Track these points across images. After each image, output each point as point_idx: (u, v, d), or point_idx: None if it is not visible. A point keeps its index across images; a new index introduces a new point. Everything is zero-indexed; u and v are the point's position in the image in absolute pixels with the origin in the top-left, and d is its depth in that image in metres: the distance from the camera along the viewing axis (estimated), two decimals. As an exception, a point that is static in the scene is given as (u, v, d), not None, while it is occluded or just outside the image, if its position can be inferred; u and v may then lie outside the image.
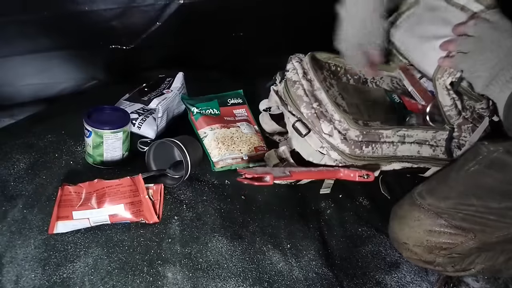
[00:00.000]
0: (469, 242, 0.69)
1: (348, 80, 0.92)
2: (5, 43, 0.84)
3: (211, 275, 0.65)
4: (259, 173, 0.70)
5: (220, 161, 0.82)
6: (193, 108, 0.86)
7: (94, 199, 0.67)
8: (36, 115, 0.92)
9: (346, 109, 0.83)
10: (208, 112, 0.87)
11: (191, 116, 0.87)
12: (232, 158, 0.83)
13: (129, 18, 0.89)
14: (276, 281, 0.67)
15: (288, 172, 0.75)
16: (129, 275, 0.62)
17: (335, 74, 0.91)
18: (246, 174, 0.70)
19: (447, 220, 0.68)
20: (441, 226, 0.69)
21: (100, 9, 0.85)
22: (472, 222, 0.67)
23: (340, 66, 0.92)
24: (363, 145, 0.76)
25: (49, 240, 0.65)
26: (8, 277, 0.60)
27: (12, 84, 0.93)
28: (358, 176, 0.79)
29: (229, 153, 0.83)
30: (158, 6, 0.90)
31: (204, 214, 0.74)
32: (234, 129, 0.86)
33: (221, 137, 0.84)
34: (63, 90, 0.99)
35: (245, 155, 0.84)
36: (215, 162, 0.82)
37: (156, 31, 0.94)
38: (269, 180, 0.70)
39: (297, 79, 0.87)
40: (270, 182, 0.70)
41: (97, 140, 0.74)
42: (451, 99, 0.77)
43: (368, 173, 0.79)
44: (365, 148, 0.76)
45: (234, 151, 0.84)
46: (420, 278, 0.76)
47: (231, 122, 0.88)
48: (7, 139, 0.81)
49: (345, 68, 0.92)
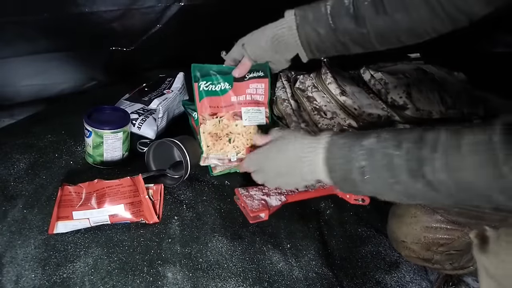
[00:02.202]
0: (466, 236, 0.70)
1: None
2: (5, 45, 0.84)
3: (211, 275, 0.65)
4: (255, 210, 0.72)
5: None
6: (194, 113, 0.79)
7: (94, 199, 0.67)
8: (36, 115, 0.93)
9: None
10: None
11: (192, 122, 0.84)
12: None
13: (130, 20, 0.90)
14: (276, 281, 0.67)
15: (284, 198, 0.77)
16: (129, 275, 0.62)
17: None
18: (242, 203, 0.74)
19: (443, 215, 0.69)
20: (437, 221, 0.70)
21: (100, 10, 0.85)
22: (468, 216, 0.68)
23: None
24: None
25: (49, 240, 0.64)
26: (8, 277, 0.60)
27: (13, 84, 0.93)
28: (354, 199, 0.81)
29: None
30: (159, 9, 0.90)
31: (204, 214, 0.74)
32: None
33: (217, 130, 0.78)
34: (63, 91, 0.99)
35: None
36: (213, 167, 0.80)
37: (156, 33, 0.94)
38: (264, 216, 0.73)
39: (286, 98, 0.90)
40: (265, 218, 0.73)
41: (97, 140, 0.74)
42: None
43: (364, 198, 0.80)
44: None
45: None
46: (420, 277, 0.76)
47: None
48: (7, 139, 0.81)
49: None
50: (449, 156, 0.46)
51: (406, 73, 0.90)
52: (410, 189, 0.50)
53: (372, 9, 0.65)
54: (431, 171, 0.47)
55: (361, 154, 0.53)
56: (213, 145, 0.77)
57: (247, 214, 0.73)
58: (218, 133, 0.78)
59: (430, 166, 0.47)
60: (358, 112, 0.83)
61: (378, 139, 0.53)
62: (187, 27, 0.98)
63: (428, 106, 0.83)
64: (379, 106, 0.84)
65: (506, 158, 0.42)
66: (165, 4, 0.89)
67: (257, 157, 0.67)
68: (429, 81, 0.88)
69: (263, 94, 0.80)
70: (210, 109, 0.77)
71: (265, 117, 0.81)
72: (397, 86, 0.85)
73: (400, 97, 0.84)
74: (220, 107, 0.77)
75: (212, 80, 0.76)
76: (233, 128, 0.78)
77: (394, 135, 0.52)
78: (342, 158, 0.55)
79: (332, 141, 0.57)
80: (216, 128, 0.77)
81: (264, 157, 0.66)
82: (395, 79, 0.87)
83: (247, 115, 0.79)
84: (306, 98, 0.90)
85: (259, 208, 0.72)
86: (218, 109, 0.78)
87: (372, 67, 0.95)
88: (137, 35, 0.95)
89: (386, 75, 0.88)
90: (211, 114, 0.77)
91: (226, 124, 0.78)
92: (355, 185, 0.55)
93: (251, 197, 0.75)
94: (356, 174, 0.54)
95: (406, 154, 0.49)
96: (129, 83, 0.98)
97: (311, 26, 0.68)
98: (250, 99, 0.80)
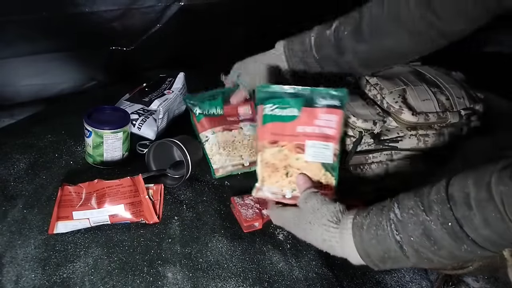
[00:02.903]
0: None
1: None
2: (5, 45, 0.84)
3: (211, 275, 0.65)
4: (249, 219, 0.72)
5: (220, 168, 0.81)
6: (196, 108, 0.81)
7: (94, 199, 0.66)
8: (36, 115, 0.92)
9: None
10: (211, 112, 0.82)
11: (194, 118, 0.83)
12: (233, 165, 0.81)
13: (130, 19, 0.90)
14: (276, 281, 0.67)
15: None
16: (129, 275, 0.62)
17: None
18: (236, 212, 0.74)
19: None
20: None
21: (100, 10, 0.85)
22: None
23: None
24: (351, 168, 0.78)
25: (49, 240, 0.64)
26: (8, 277, 0.60)
27: (12, 84, 0.93)
28: None
29: (230, 159, 0.81)
30: (159, 8, 0.90)
31: (204, 214, 0.74)
32: (236, 132, 0.83)
33: (222, 141, 0.81)
34: (63, 91, 0.99)
35: (246, 161, 0.82)
36: (215, 169, 0.81)
37: (156, 32, 0.94)
38: (258, 225, 0.73)
39: None
40: (259, 227, 0.73)
41: (97, 140, 0.74)
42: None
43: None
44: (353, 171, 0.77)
45: (235, 157, 0.82)
46: (420, 277, 0.76)
47: (234, 123, 0.83)
48: (7, 139, 0.81)
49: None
50: (485, 211, 0.44)
51: (401, 76, 0.89)
52: (456, 252, 0.47)
53: (352, 38, 0.66)
54: (473, 229, 0.45)
55: (393, 229, 0.49)
56: (268, 177, 0.67)
57: (241, 223, 0.73)
58: (276, 164, 0.67)
59: (470, 225, 0.45)
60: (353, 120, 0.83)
61: (402, 207, 0.50)
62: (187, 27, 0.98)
63: (424, 109, 0.83)
64: (375, 112, 0.84)
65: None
66: (165, 3, 0.89)
67: (285, 221, 0.62)
68: (425, 84, 0.88)
69: (334, 127, 0.65)
70: (272, 136, 0.66)
71: (332, 154, 0.67)
72: (393, 90, 0.85)
73: (396, 102, 0.84)
74: (284, 135, 0.67)
75: (280, 103, 0.65)
76: (293, 162, 0.66)
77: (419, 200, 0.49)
78: (374, 239, 0.51)
79: (357, 224, 0.53)
80: (275, 158, 0.66)
81: (292, 224, 0.61)
82: (390, 84, 0.87)
83: (312, 150, 0.66)
84: None
85: (253, 218, 0.72)
86: (280, 137, 0.67)
87: None
88: (137, 34, 0.95)
89: (381, 80, 0.88)
90: (272, 142, 0.66)
91: (287, 155, 0.67)
92: (395, 261, 0.51)
93: (246, 205, 0.74)
94: (394, 251, 0.50)
95: (440, 217, 0.46)
96: (129, 83, 0.97)
97: (298, 57, 0.71)
98: (318, 132, 0.67)
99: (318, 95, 0.65)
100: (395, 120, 0.83)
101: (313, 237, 0.57)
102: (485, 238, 0.45)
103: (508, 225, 0.43)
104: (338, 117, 0.65)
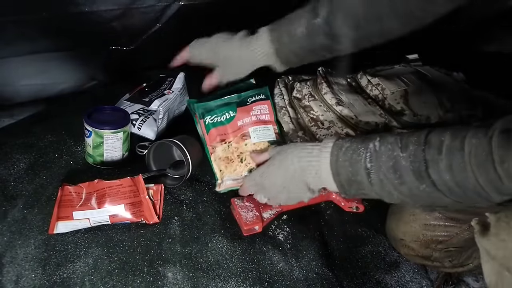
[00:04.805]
0: (464, 233, 0.70)
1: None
2: (5, 44, 0.84)
3: (211, 275, 0.65)
4: (249, 222, 0.72)
5: (221, 183, 0.78)
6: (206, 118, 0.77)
7: (94, 199, 0.67)
8: (36, 115, 0.92)
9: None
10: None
11: (201, 121, 0.78)
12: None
13: (129, 19, 0.89)
14: (276, 281, 0.67)
15: (279, 208, 0.76)
16: (129, 275, 0.62)
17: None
18: (237, 215, 0.73)
19: (441, 212, 0.70)
20: (436, 219, 0.70)
21: (100, 10, 0.85)
22: (466, 213, 0.68)
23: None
24: None
25: (49, 240, 0.65)
26: (8, 277, 0.60)
27: (12, 84, 0.92)
28: (348, 207, 0.81)
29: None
30: (159, 8, 0.89)
31: (204, 215, 0.74)
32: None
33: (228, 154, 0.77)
34: (63, 90, 0.99)
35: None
36: (218, 184, 0.78)
37: (156, 32, 0.94)
38: (258, 229, 0.73)
39: (284, 105, 0.89)
40: (259, 231, 0.73)
41: (97, 140, 0.74)
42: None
43: (358, 205, 0.81)
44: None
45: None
46: (420, 276, 0.76)
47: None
48: (7, 139, 0.81)
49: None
50: (453, 158, 0.48)
51: (403, 77, 0.89)
52: (415, 190, 0.51)
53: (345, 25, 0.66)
54: (436, 172, 0.49)
55: (366, 157, 0.54)
56: (225, 168, 0.77)
57: (241, 226, 0.72)
58: (229, 157, 0.77)
59: (435, 167, 0.49)
60: (355, 121, 0.83)
61: (382, 141, 0.54)
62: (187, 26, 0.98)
63: (426, 110, 0.83)
64: (377, 113, 0.84)
65: (501, 160, 0.44)
66: (165, 3, 0.89)
67: (256, 176, 0.67)
68: (427, 85, 0.88)
69: (268, 113, 0.81)
70: (219, 137, 0.77)
71: (274, 133, 0.80)
72: (394, 91, 0.85)
73: (398, 103, 0.84)
74: (228, 133, 0.77)
75: (216, 113, 0.77)
76: (243, 148, 0.77)
77: (399, 138, 0.53)
78: (347, 160, 0.56)
79: (337, 145, 0.58)
80: (226, 152, 0.77)
81: (263, 175, 0.66)
82: (392, 84, 0.86)
83: (255, 133, 0.78)
84: (303, 109, 0.90)
85: (253, 221, 0.72)
86: (226, 136, 0.77)
87: (369, 72, 0.94)
88: (137, 34, 0.94)
89: (383, 80, 0.87)
90: (220, 141, 0.77)
91: (236, 146, 0.77)
92: (360, 187, 0.56)
93: (246, 208, 0.74)
94: (361, 176, 0.55)
95: (411, 156, 0.51)
96: (129, 82, 0.97)
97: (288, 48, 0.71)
98: (256, 119, 0.79)
99: (247, 97, 0.80)
100: (396, 121, 0.83)
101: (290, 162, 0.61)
102: (444, 182, 0.49)
103: (468, 175, 0.47)
104: (268, 105, 0.81)
